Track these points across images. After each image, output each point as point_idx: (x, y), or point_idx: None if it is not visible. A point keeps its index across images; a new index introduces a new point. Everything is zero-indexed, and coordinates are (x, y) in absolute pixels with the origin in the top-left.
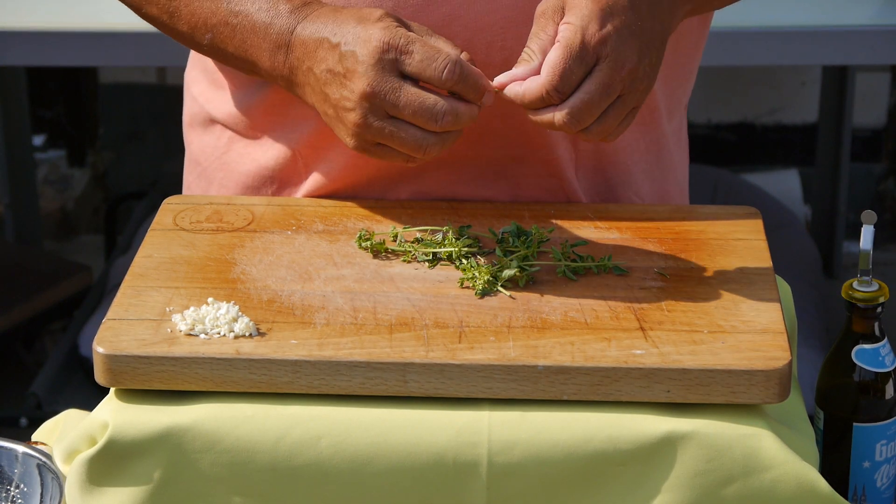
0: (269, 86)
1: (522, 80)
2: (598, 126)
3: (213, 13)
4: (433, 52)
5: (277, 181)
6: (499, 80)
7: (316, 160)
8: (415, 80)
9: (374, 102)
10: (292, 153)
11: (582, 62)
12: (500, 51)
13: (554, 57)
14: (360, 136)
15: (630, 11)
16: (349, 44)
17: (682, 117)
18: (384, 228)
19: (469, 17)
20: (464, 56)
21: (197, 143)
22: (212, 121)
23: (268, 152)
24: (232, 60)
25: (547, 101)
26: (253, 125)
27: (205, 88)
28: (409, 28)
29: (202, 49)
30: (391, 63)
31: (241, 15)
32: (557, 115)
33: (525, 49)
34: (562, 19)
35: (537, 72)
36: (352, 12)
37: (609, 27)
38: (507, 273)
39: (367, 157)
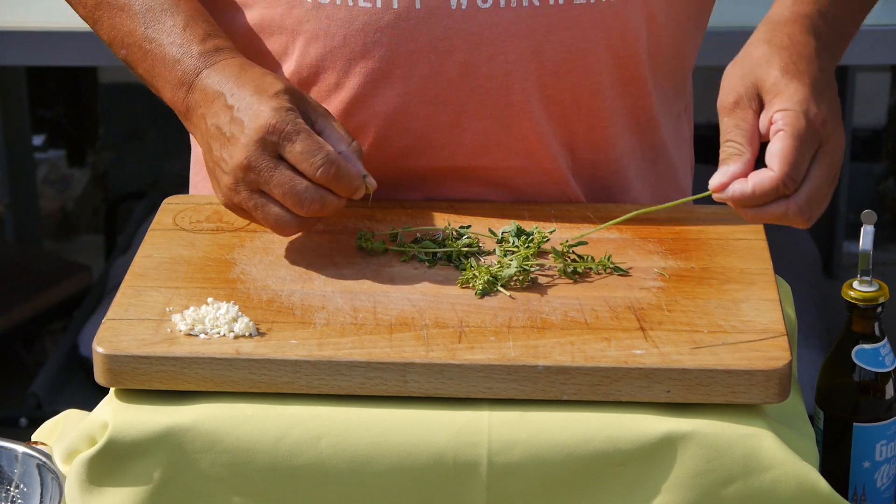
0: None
1: (744, 177)
2: (816, 211)
3: (130, 33)
4: (314, 147)
5: None
6: (715, 181)
7: None
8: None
9: (247, 175)
10: None
11: (811, 147)
12: (502, 64)
13: (784, 146)
14: (228, 199)
15: (826, 87)
16: (240, 111)
17: (683, 122)
18: (384, 228)
19: (470, 30)
20: (353, 147)
21: None
22: None
23: None
24: (140, 78)
25: (781, 193)
26: None
27: None
28: (305, 106)
29: (118, 57)
30: (272, 145)
31: (154, 42)
32: (792, 207)
33: (728, 143)
34: (760, 106)
35: (751, 164)
36: (254, 77)
37: (824, 107)
38: (507, 273)
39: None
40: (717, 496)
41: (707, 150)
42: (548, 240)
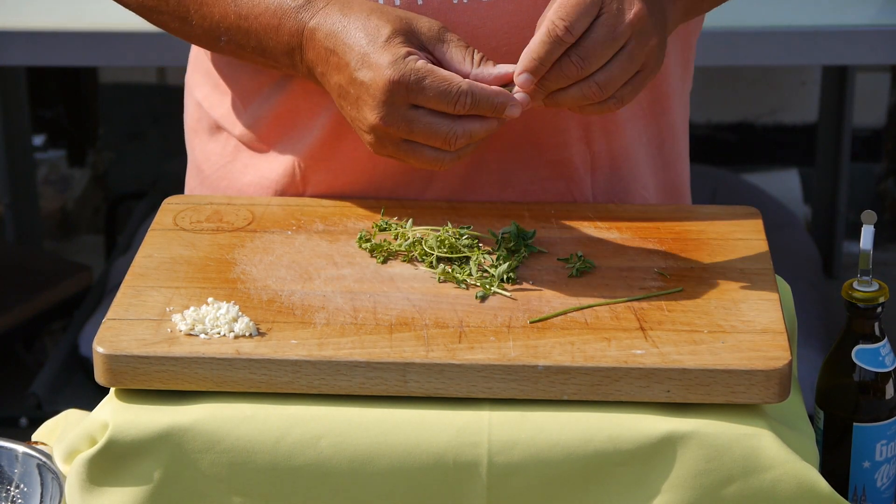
0: (275, 98)
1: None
2: (604, 74)
3: (223, 17)
4: (444, 85)
5: (280, 193)
6: (521, 67)
7: (319, 170)
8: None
9: (387, 132)
10: (295, 164)
11: (589, 8)
12: (505, 56)
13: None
14: (377, 151)
15: None
16: (358, 70)
17: (687, 109)
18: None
19: (472, 23)
20: (477, 61)
21: (200, 149)
22: (218, 128)
23: (272, 163)
24: (252, 58)
25: (554, 39)
26: (259, 137)
27: (208, 93)
28: (419, 37)
29: (221, 50)
30: (402, 97)
31: (249, 19)
32: (564, 58)
33: (542, 17)
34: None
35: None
36: (359, 23)
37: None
38: (501, 270)
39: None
40: (717, 496)
41: (707, 150)
42: (545, 252)
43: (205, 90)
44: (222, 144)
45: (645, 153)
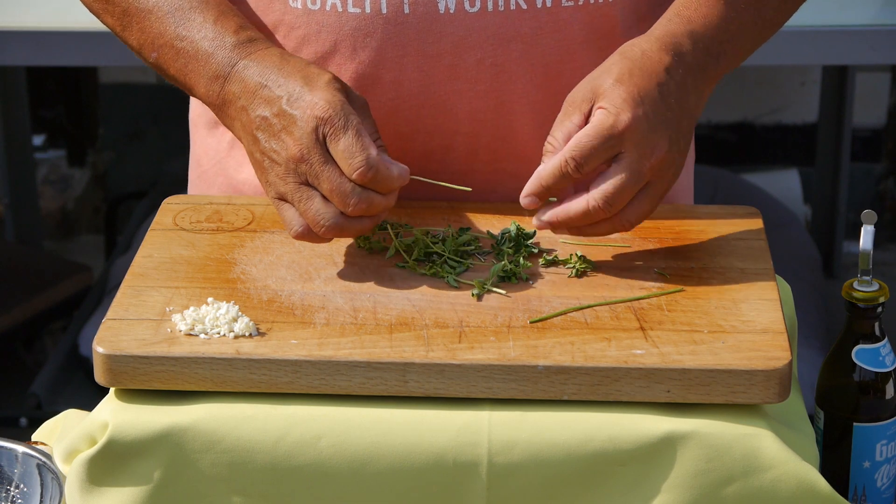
0: None
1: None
2: (628, 212)
3: (160, 34)
4: (356, 147)
5: None
6: (526, 190)
7: None
8: None
9: (299, 166)
10: None
11: (608, 144)
12: (490, 67)
13: (581, 133)
14: (276, 188)
15: (660, 102)
16: (291, 102)
17: None
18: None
19: (458, 34)
20: (379, 145)
21: (200, 143)
22: (216, 122)
23: None
24: (172, 80)
25: (564, 173)
26: None
27: None
28: (350, 97)
29: (149, 64)
30: (322, 137)
31: (186, 40)
32: (591, 200)
33: (548, 141)
34: (590, 109)
35: None
36: (298, 67)
37: (640, 112)
38: (496, 269)
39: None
40: (717, 496)
41: (707, 150)
42: (543, 251)
43: None
44: (217, 139)
45: None
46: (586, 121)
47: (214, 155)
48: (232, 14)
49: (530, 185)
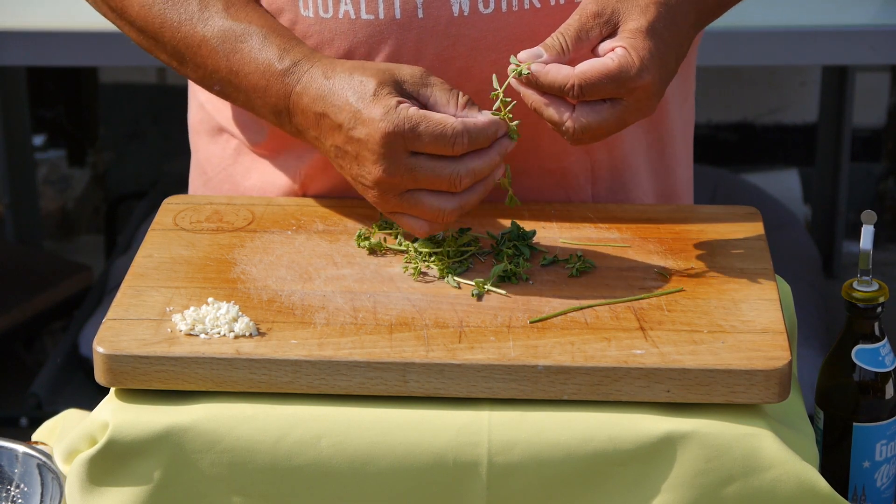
0: None
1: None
2: (590, 126)
3: (215, 70)
4: (439, 128)
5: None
6: (524, 55)
7: (321, 177)
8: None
9: (391, 184)
10: (298, 170)
11: (619, 90)
12: (505, 70)
13: (600, 66)
14: (382, 208)
15: (673, 62)
16: (353, 128)
17: (692, 112)
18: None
19: (472, 36)
20: (461, 101)
21: (203, 151)
22: (220, 130)
23: (274, 169)
24: (243, 109)
25: (564, 92)
26: (262, 143)
27: (212, 96)
28: (402, 85)
29: (216, 94)
30: (400, 147)
31: (239, 75)
32: (568, 122)
33: (559, 35)
34: (609, 31)
35: (563, 63)
36: (346, 82)
37: (657, 77)
38: (497, 269)
39: None
40: (717, 496)
41: (707, 150)
42: (546, 253)
43: (208, 93)
44: (222, 146)
45: (645, 160)
46: (600, 38)
47: (219, 163)
48: (273, 34)
49: (536, 72)
